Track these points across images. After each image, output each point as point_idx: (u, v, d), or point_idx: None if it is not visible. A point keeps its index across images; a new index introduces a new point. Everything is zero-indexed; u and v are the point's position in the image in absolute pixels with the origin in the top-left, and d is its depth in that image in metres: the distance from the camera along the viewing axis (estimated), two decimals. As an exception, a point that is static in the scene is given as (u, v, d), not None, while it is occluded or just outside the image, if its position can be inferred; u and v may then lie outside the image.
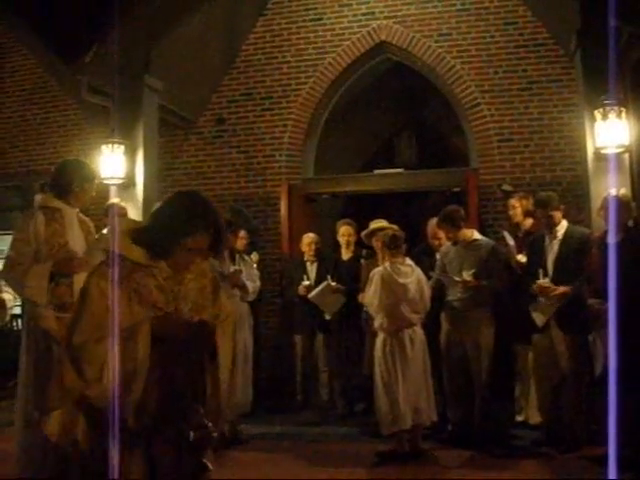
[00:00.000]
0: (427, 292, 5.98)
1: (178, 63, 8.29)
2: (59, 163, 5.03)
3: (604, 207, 5.53)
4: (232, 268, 6.39)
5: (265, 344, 8.30)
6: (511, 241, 6.57)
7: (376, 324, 5.94)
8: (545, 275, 5.76)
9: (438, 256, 6.54)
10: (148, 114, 7.66)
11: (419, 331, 5.92)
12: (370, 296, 5.94)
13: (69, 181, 4.73)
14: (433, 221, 6.86)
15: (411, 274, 5.89)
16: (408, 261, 5.99)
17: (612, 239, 5.06)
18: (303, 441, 6.53)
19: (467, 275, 6.08)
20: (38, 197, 4.93)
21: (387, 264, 5.88)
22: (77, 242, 4.70)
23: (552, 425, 5.87)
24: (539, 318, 5.78)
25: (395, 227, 6.44)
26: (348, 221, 7.72)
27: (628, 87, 6.85)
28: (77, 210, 4.82)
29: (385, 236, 6.02)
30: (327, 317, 7.47)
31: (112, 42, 7.40)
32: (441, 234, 6.72)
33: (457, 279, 6.10)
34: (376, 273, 5.90)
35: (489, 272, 6.08)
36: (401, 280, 5.82)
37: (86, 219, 4.91)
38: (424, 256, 6.74)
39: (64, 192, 4.72)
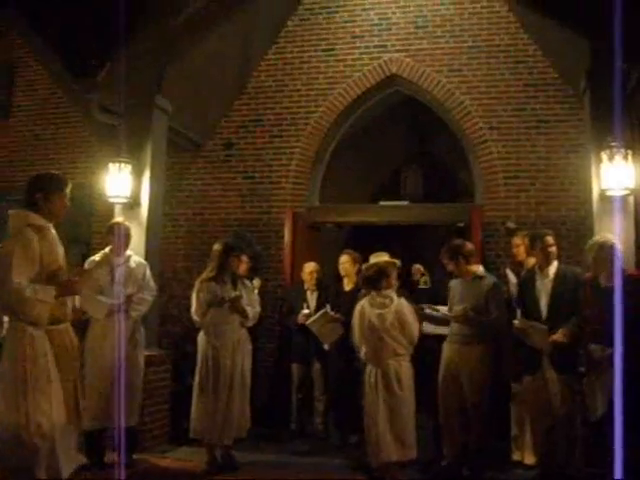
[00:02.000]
0: (410, 322, 5.95)
1: (190, 86, 8.34)
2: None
3: (599, 251, 5.47)
4: (233, 293, 6.39)
5: (262, 370, 8.26)
6: (513, 279, 6.56)
7: (361, 355, 6.02)
8: (536, 314, 5.75)
9: (449, 290, 6.55)
10: (157, 135, 7.68)
11: (405, 364, 5.92)
12: (354, 328, 6.07)
13: (32, 194, 4.69)
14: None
15: (389, 304, 5.92)
16: (389, 292, 6.01)
17: (618, 284, 5.01)
18: (295, 471, 6.47)
19: (459, 310, 6.09)
20: (18, 213, 4.70)
21: (367, 298, 6.02)
22: (62, 261, 4.64)
23: (546, 466, 5.81)
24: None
25: (396, 261, 6.44)
26: (348, 251, 7.70)
27: (636, 130, 6.85)
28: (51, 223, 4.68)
29: (365, 272, 6.15)
30: (325, 347, 7.43)
31: (124, 62, 7.46)
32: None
33: (448, 314, 6.12)
34: (358, 305, 6.05)
35: (487, 308, 6.07)
36: (377, 310, 5.89)
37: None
38: None
39: (36, 208, 4.63)
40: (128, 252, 6.61)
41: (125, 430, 6.05)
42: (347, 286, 7.61)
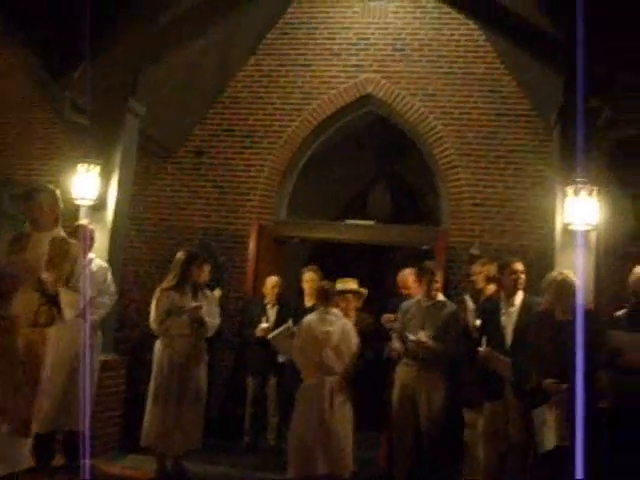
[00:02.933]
0: (353, 342, 6.07)
1: (165, 91, 8.31)
2: None
3: (556, 286, 5.51)
4: (193, 303, 6.35)
5: (218, 382, 8.22)
6: (471, 305, 6.60)
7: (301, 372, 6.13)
8: (501, 344, 5.78)
9: (399, 312, 6.56)
10: (128, 138, 7.62)
11: (341, 382, 5.97)
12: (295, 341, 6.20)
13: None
14: (405, 271, 7.02)
15: (336, 322, 6.04)
16: (336, 311, 6.15)
17: (577, 319, 5.06)
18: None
19: (423, 336, 6.12)
20: None
21: (314, 313, 6.12)
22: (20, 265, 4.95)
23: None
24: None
25: (362, 291, 6.71)
26: (314, 268, 7.68)
27: (603, 167, 6.96)
28: (48, 233, 5.13)
29: (317, 288, 6.32)
30: (280, 359, 7.40)
31: (101, 62, 7.41)
32: (411, 284, 6.82)
33: (412, 338, 6.14)
34: (304, 321, 6.15)
35: (447, 335, 6.12)
36: (324, 328, 5.97)
37: (63, 242, 5.17)
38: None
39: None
40: (90, 255, 6.54)
41: (74, 434, 6.02)
42: (308, 302, 7.60)
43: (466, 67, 8.98)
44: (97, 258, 6.63)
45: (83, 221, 6.70)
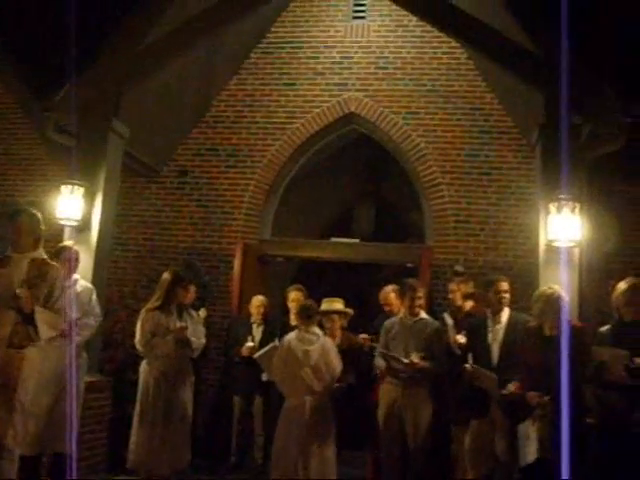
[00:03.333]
0: (334, 361, 6.08)
1: (148, 111, 8.32)
2: None
3: (545, 301, 5.54)
4: (178, 324, 6.34)
5: (204, 402, 8.19)
6: (450, 321, 6.62)
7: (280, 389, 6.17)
8: (486, 362, 5.79)
9: (382, 330, 6.57)
10: (112, 159, 7.60)
11: (322, 401, 5.99)
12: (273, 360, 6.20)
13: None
14: (387, 289, 7.07)
15: (315, 341, 6.05)
16: (316, 330, 6.17)
17: (563, 334, 5.11)
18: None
19: (415, 357, 6.13)
20: None
21: (295, 332, 6.14)
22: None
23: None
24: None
25: (348, 311, 6.87)
26: (298, 287, 7.68)
27: (584, 183, 7.02)
28: (28, 254, 5.15)
29: (299, 307, 6.32)
30: (264, 378, 7.36)
31: (83, 83, 7.40)
32: (392, 301, 6.85)
33: (405, 361, 6.13)
34: (284, 340, 6.17)
35: (432, 353, 6.15)
36: (304, 347, 5.99)
37: (42, 263, 5.18)
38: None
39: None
40: (75, 276, 6.51)
41: (60, 456, 5.96)
42: (294, 321, 7.57)
43: (448, 85, 9.06)
44: (81, 279, 6.59)
45: (67, 242, 6.67)
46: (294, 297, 7.52)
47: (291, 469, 5.83)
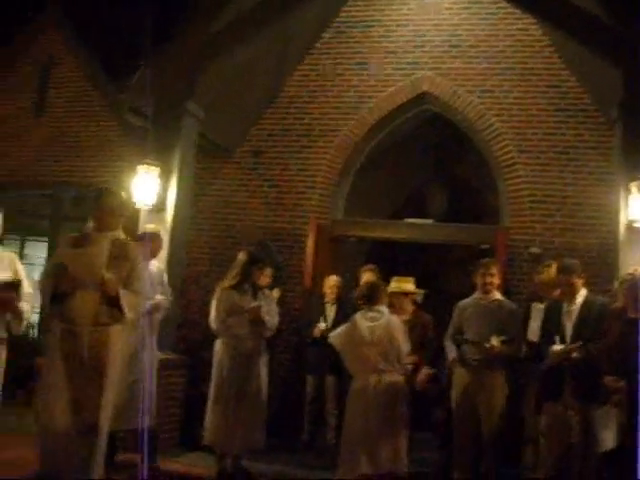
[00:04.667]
0: (399, 338, 5.90)
1: (222, 92, 8.38)
2: None
3: (627, 283, 5.45)
4: (253, 303, 6.40)
5: (277, 381, 8.26)
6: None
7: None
8: (562, 341, 5.70)
9: (455, 311, 6.51)
10: (186, 140, 7.72)
11: (388, 378, 5.81)
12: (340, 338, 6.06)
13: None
14: None
15: (380, 318, 5.90)
16: (381, 308, 6.00)
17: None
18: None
19: (495, 341, 6.05)
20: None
21: (360, 312, 6.00)
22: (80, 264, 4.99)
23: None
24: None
25: (417, 291, 6.86)
26: (371, 267, 7.66)
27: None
28: (108, 233, 5.13)
29: (359, 292, 6.15)
30: None
31: (158, 65, 7.51)
32: None
33: (486, 345, 6.07)
34: (351, 319, 6.03)
35: (508, 336, 6.07)
36: (368, 324, 5.86)
37: (123, 244, 5.17)
38: None
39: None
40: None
41: (137, 431, 6.11)
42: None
43: (523, 62, 8.86)
44: (154, 260, 6.72)
45: (150, 226, 6.79)
46: (367, 278, 7.51)
47: (357, 458, 5.71)
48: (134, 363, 6.05)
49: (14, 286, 5.18)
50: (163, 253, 7.08)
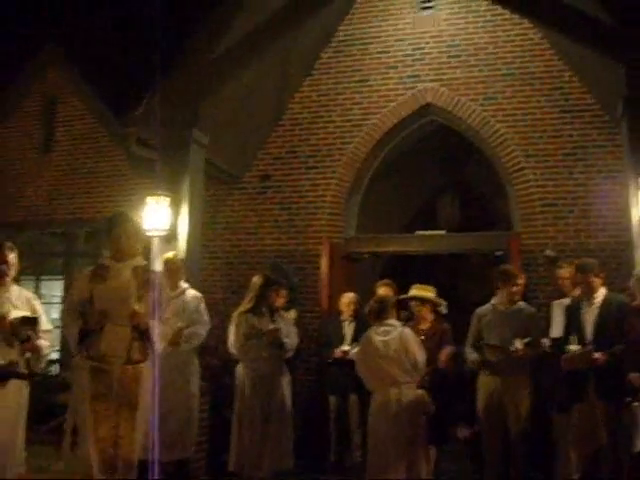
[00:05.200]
0: (414, 349, 5.90)
1: (226, 119, 8.43)
2: None
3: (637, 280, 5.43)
4: (271, 325, 6.40)
5: (300, 402, 8.21)
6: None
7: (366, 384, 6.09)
8: (581, 342, 5.65)
9: (473, 319, 6.47)
10: (194, 168, 7.74)
11: (408, 392, 5.81)
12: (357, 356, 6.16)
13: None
14: None
15: (392, 332, 5.91)
16: (392, 321, 6.03)
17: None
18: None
19: (519, 343, 6.02)
20: None
21: (373, 327, 6.02)
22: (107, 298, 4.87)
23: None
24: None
25: (435, 299, 6.82)
26: (387, 282, 7.63)
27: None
28: (128, 262, 5.01)
29: (371, 306, 6.14)
30: None
31: (162, 96, 7.55)
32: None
33: (512, 348, 6.04)
34: (365, 335, 6.09)
35: (531, 339, 6.06)
36: (382, 338, 5.87)
37: (146, 271, 5.07)
38: None
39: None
40: (184, 285, 6.68)
41: (179, 462, 6.30)
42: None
43: (524, 67, 8.87)
44: (191, 288, 6.74)
45: (170, 253, 6.81)
46: (383, 292, 7.49)
47: (383, 470, 5.74)
48: (168, 393, 6.06)
49: (31, 323, 5.15)
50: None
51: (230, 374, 6.73)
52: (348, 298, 7.94)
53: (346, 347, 7.54)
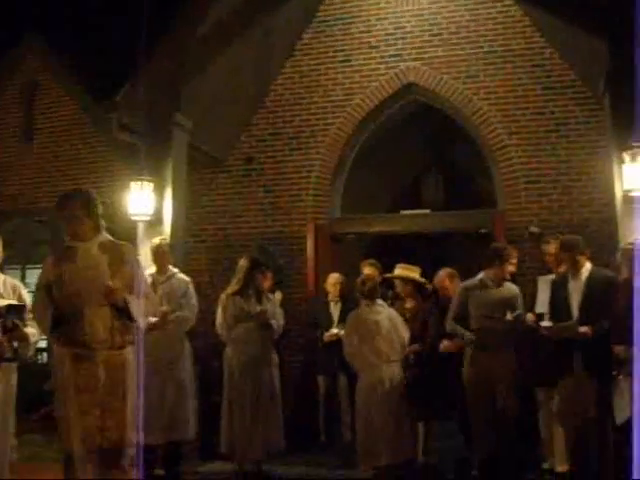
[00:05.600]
0: (401, 329, 6.27)
1: (208, 102, 8.37)
2: None
3: (629, 253, 5.46)
4: (258, 307, 6.41)
5: (288, 383, 8.24)
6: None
7: (353, 364, 6.37)
8: (568, 318, 5.72)
9: (458, 291, 6.47)
10: (177, 152, 7.73)
11: (397, 369, 6.17)
12: (347, 337, 6.39)
13: None
14: (441, 273, 7.04)
15: (383, 312, 6.25)
16: (380, 302, 6.34)
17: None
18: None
19: (511, 316, 6.11)
20: None
21: (362, 306, 6.30)
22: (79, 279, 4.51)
23: (578, 473, 5.74)
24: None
25: (419, 279, 6.95)
26: (372, 262, 7.64)
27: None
28: (94, 240, 4.61)
29: (363, 285, 6.36)
30: None
31: (143, 81, 7.51)
32: (447, 285, 6.92)
33: (508, 318, 6.11)
34: (353, 314, 6.39)
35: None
36: (374, 317, 6.17)
37: (115, 246, 4.66)
38: None
39: None
40: (173, 270, 6.69)
41: (173, 445, 6.37)
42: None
43: (506, 44, 8.85)
44: (179, 273, 6.74)
45: (156, 239, 6.80)
46: (368, 272, 7.50)
47: (375, 449, 5.97)
48: (159, 377, 6.15)
49: (18, 311, 5.09)
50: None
51: (218, 357, 6.73)
52: (334, 279, 7.95)
53: (335, 330, 7.56)
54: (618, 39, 6.15)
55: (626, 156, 6.06)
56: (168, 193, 7.52)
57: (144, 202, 7.25)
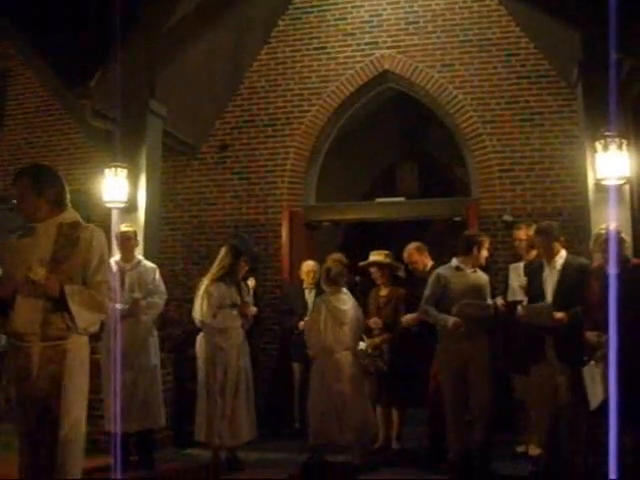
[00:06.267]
0: (362, 319, 6.57)
1: (183, 89, 8.34)
2: None
3: (602, 240, 5.52)
4: (237, 296, 6.44)
5: (263, 371, 8.27)
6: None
7: (310, 350, 6.58)
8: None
9: (432, 278, 6.48)
10: (152, 139, 7.69)
11: (352, 357, 6.38)
12: (311, 323, 6.57)
13: None
14: (410, 246, 7.13)
15: (348, 301, 6.44)
16: (345, 291, 6.51)
17: (613, 270, 5.09)
18: (299, 469, 6.41)
19: (499, 301, 6.38)
20: None
21: (328, 294, 6.49)
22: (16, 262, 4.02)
23: (551, 456, 5.82)
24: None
25: (395, 263, 7.19)
26: (339, 256, 7.44)
27: (629, 119, 6.89)
28: (54, 219, 4.07)
29: (328, 272, 6.54)
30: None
31: (117, 67, 7.46)
32: (416, 258, 7.05)
33: (490, 302, 6.30)
34: (320, 302, 6.54)
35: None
36: (340, 306, 6.39)
37: (72, 226, 4.09)
38: None
39: None
40: (139, 257, 6.69)
41: (146, 432, 6.46)
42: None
43: (481, 33, 8.89)
44: (144, 260, 6.75)
45: (123, 226, 6.78)
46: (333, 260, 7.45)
47: (330, 431, 6.24)
48: (128, 365, 6.17)
49: None
50: (138, 253, 7.04)
51: (193, 345, 6.73)
52: (309, 266, 7.97)
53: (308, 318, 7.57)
54: (590, 29, 6.20)
55: (598, 145, 6.11)
56: (142, 180, 7.49)
57: (118, 189, 7.23)
